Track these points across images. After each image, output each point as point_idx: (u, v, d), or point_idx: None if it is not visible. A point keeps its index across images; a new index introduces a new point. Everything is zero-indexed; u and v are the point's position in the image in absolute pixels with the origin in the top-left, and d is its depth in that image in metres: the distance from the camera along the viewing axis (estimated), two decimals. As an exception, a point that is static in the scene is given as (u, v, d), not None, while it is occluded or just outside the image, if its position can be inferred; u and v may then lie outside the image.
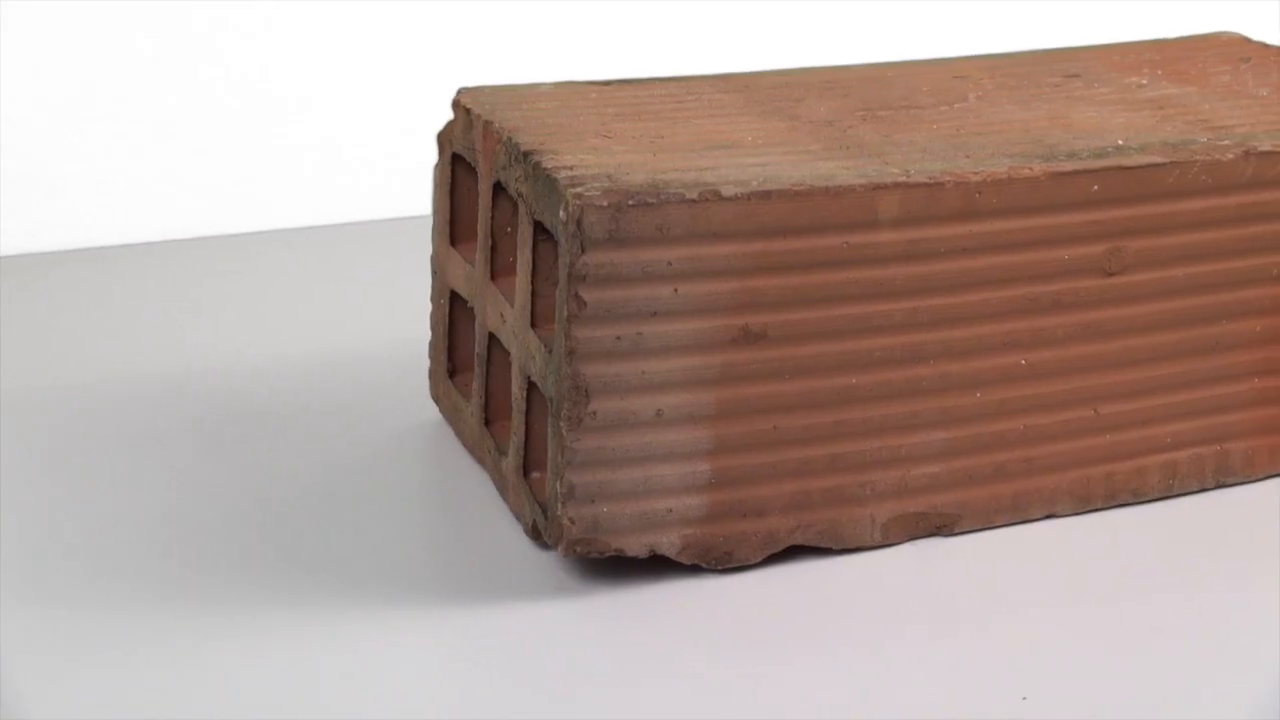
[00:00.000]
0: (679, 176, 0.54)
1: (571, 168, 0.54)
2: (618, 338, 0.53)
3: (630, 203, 0.53)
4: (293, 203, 0.89)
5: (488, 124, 0.59)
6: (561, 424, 0.54)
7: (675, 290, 0.53)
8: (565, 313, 0.53)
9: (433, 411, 0.66)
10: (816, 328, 0.55)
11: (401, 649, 0.53)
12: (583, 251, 0.52)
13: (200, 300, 0.76)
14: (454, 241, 0.62)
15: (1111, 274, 0.58)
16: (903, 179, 0.55)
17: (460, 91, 0.62)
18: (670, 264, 0.53)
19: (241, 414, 0.66)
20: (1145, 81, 0.66)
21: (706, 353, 0.54)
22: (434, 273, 0.64)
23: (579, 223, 0.52)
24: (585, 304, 0.53)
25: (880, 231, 0.55)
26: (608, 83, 0.64)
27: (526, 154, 0.56)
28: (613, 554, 0.55)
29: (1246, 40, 0.71)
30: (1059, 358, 0.58)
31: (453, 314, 0.63)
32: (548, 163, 0.55)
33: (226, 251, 0.82)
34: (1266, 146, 0.59)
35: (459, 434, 0.64)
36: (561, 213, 0.53)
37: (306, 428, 0.65)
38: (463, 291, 0.62)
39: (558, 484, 0.54)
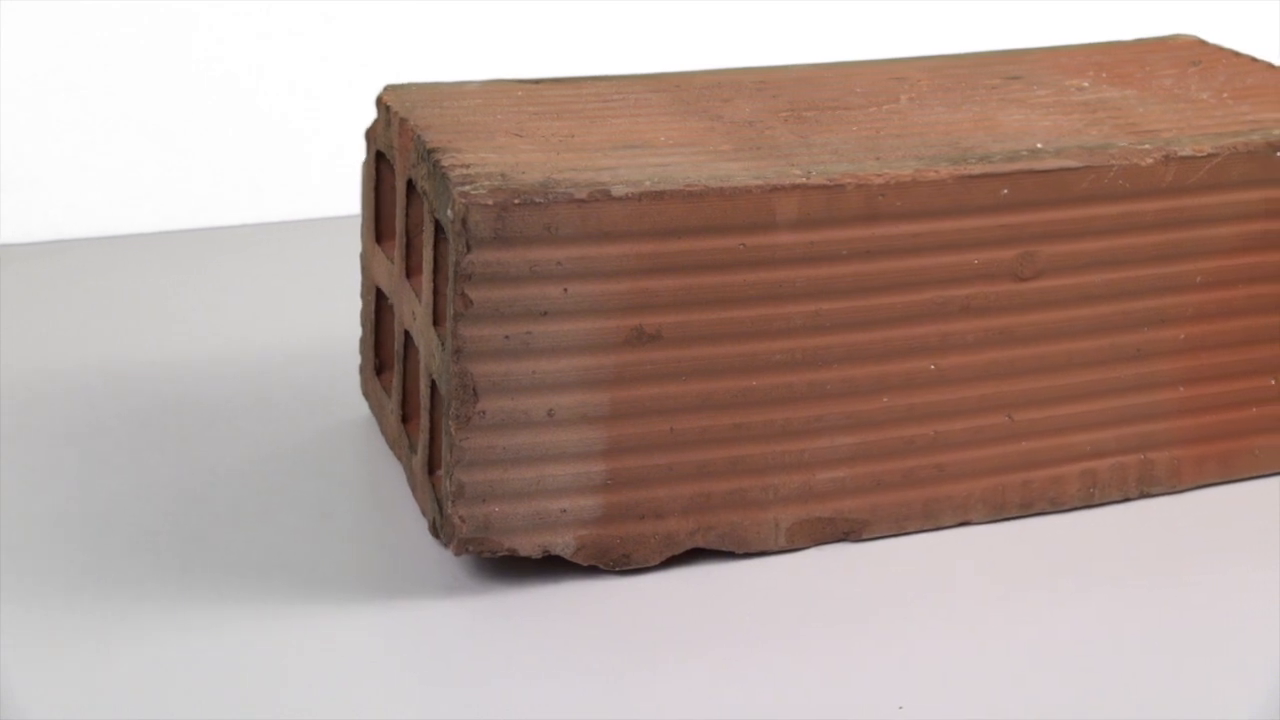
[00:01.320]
0: (573, 176, 0.53)
1: (468, 166, 0.54)
2: (506, 337, 0.53)
3: (517, 202, 0.52)
4: (246, 199, 0.89)
5: (403, 121, 0.59)
6: (450, 423, 0.53)
7: (565, 290, 0.53)
8: (452, 311, 0.52)
9: (365, 408, 0.65)
10: (713, 329, 0.54)
11: (287, 644, 0.52)
12: (468, 250, 0.52)
13: (174, 293, 0.76)
14: (379, 239, 0.62)
15: (1024, 279, 0.57)
16: (801, 181, 0.54)
17: (386, 89, 0.62)
18: (559, 264, 0.52)
19: (177, 408, 0.66)
20: (1087, 84, 0.64)
21: (599, 353, 0.53)
22: (363, 270, 0.64)
23: (464, 221, 0.52)
24: (471, 303, 0.52)
25: (778, 233, 0.54)
26: (538, 81, 0.63)
27: (430, 151, 0.55)
28: (505, 553, 0.54)
29: (1203, 43, 0.70)
30: (970, 363, 0.57)
31: (379, 311, 0.63)
32: (446, 161, 0.54)
33: (194, 246, 0.82)
34: (1187, 151, 0.58)
35: (383, 431, 0.63)
36: (449, 211, 0.52)
37: (239, 423, 0.64)
38: (386, 289, 0.62)
39: (448, 483, 0.54)
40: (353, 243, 0.70)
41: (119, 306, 0.74)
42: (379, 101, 0.61)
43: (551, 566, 0.56)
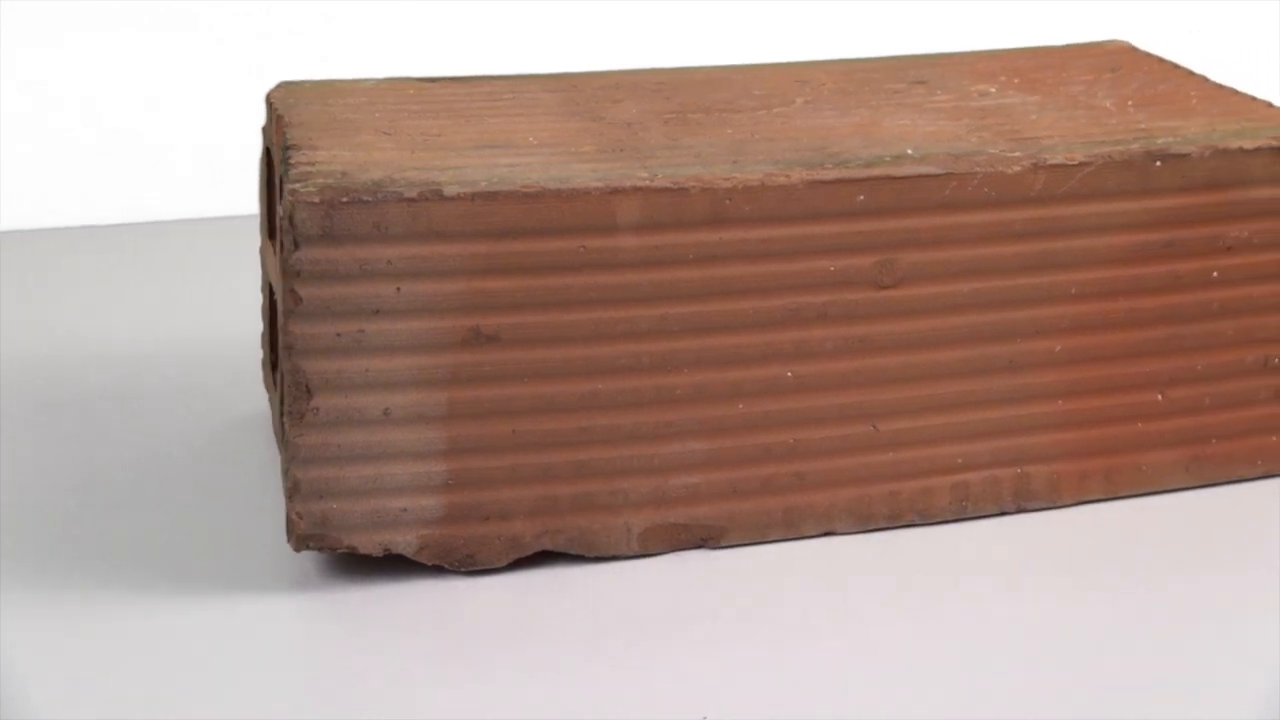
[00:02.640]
0: (411, 175, 0.53)
1: (314, 164, 0.53)
2: (338, 334, 0.52)
3: (344, 200, 0.51)
4: (158, 195, 0.89)
5: (279, 119, 0.58)
6: (285, 420, 0.53)
7: (398, 289, 0.52)
8: (284, 308, 0.52)
9: (266, 402, 0.66)
10: (554, 331, 0.53)
11: (124, 634, 0.52)
12: (296, 247, 0.51)
13: (76, 289, 0.77)
14: (271, 234, 0.62)
15: (885, 286, 0.55)
16: (644, 183, 0.53)
17: (278, 86, 0.62)
18: (390, 263, 0.52)
19: (85, 399, 0.66)
20: (993, 90, 0.63)
21: (435, 353, 0.53)
22: (261, 265, 0.64)
23: (291, 218, 0.51)
24: (301, 300, 0.52)
25: (620, 236, 0.53)
26: (435, 79, 0.63)
27: (286, 149, 0.55)
28: (346, 551, 0.54)
29: (1132, 49, 0.68)
30: (830, 371, 0.56)
31: (272, 306, 0.63)
32: (295, 158, 0.54)
33: (104, 242, 0.83)
34: (1058, 159, 0.56)
35: (274, 425, 0.63)
36: (280, 208, 0.52)
37: (140, 417, 0.65)
38: (274, 284, 0.61)
39: (285, 479, 0.53)
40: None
41: (50, 299, 0.75)
42: (266, 99, 0.61)
43: (401, 565, 0.55)
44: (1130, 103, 0.61)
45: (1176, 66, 0.65)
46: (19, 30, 0.91)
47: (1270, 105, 0.61)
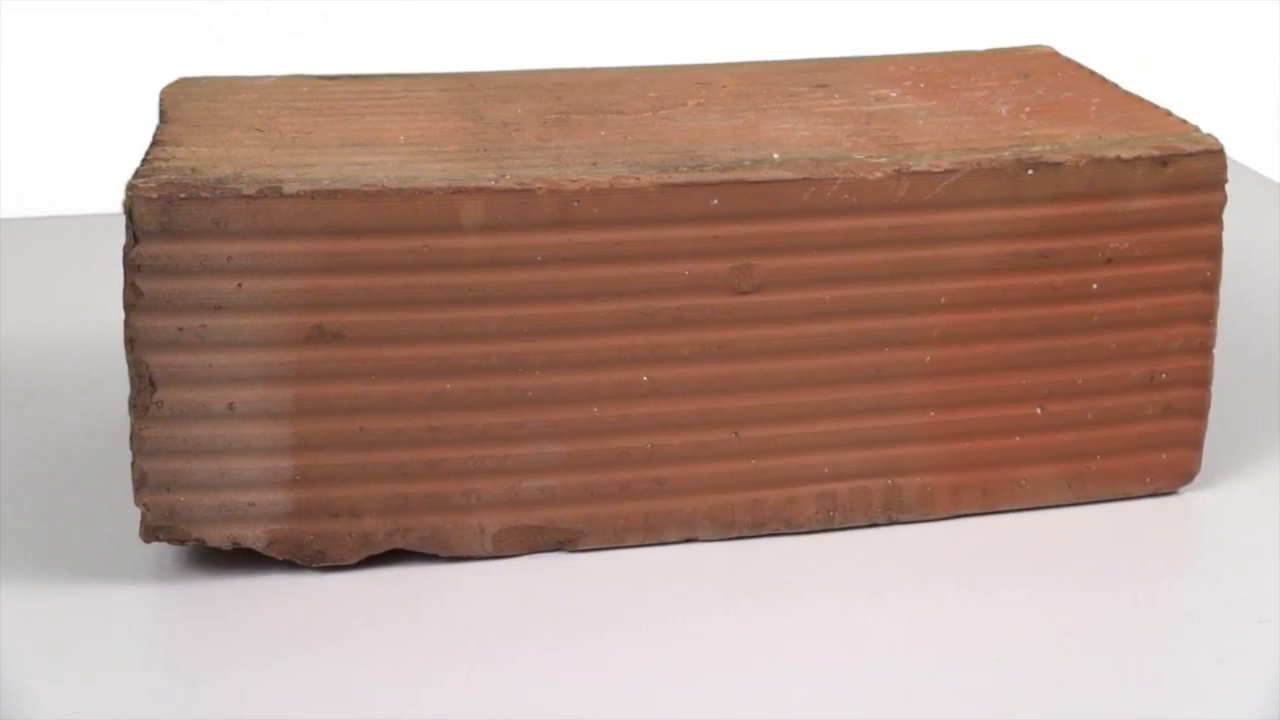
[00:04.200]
0: (257, 172, 0.52)
1: (167, 159, 0.53)
2: (180, 329, 0.52)
3: (183, 196, 0.51)
4: (53, 190, 0.89)
5: (163, 114, 0.58)
6: (131, 412, 0.53)
7: (239, 285, 0.52)
8: (125, 302, 0.52)
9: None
10: (400, 330, 0.53)
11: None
12: (136, 242, 0.51)
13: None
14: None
15: (743, 292, 0.54)
16: (489, 184, 0.52)
17: (176, 82, 0.62)
18: (230, 259, 0.52)
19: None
20: (893, 94, 0.61)
21: (278, 349, 0.52)
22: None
23: (130, 213, 0.51)
24: (142, 294, 0.52)
25: (464, 236, 0.52)
26: (336, 77, 0.62)
27: (150, 145, 0.55)
28: (195, 543, 0.54)
29: (1054, 55, 0.66)
30: (687, 376, 0.55)
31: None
32: (154, 154, 0.54)
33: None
34: (923, 166, 0.54)
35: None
36: (122, 203, 0.52)
37: (26, 409, 0.65)
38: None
39: (133, 471, 0.53)
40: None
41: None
42: (159, 95, 0.61)
43: (255, 559, 0.55)
44: (1027, 109, 0.59)
45: (1093, 74, 0.63)
46: (19, 30, 0.92)
47: (1170, 114, 0.59)
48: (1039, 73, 0.63)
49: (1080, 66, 0.64)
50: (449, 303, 0.53)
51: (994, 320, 0.56)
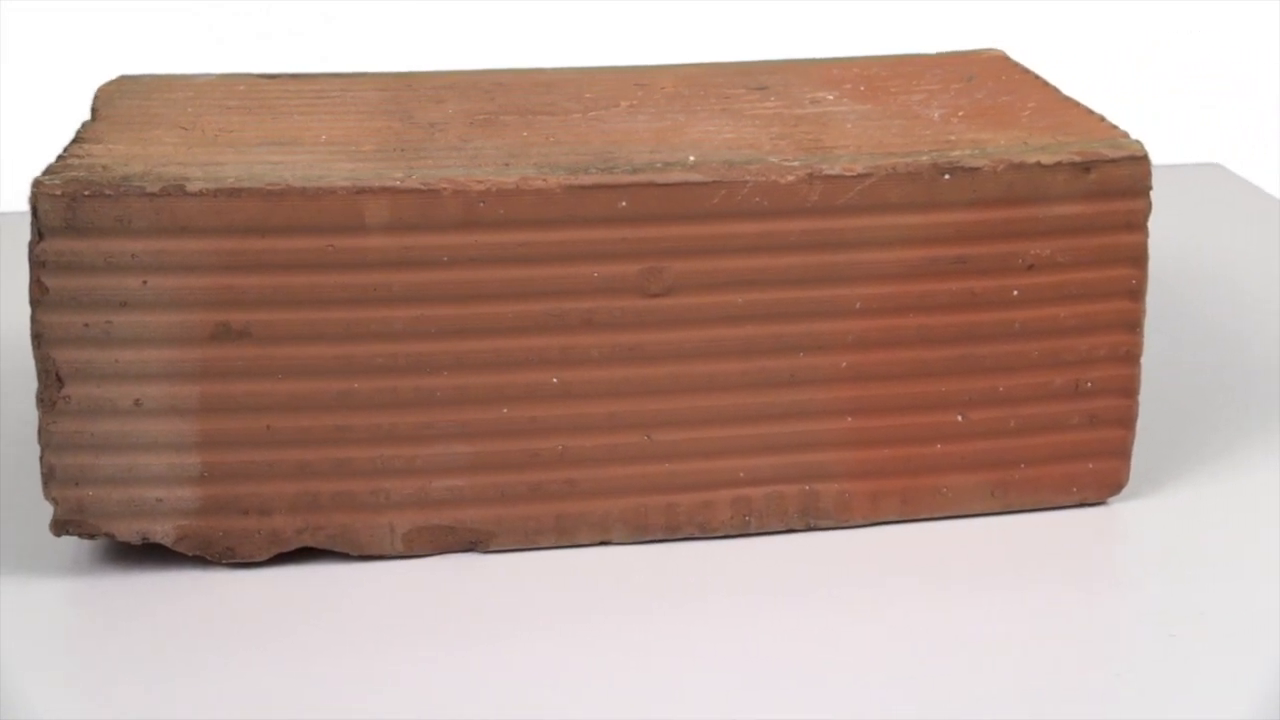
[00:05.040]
0: (165, 170, 0.52)
1: (81, 157, 0.53)
2: (86, 325, 0.52)
3: (87, 193, 0.51)
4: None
5: (94, 111, 0.59)
6: (38, 407, 0.53)
7: (144, 282, 0.52)
8: (31, 297, 0.52)
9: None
10: (305, 329, 0.53)
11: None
12: (40, 238, 0.51)
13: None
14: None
15: (653, 295, 0.54)
16: (394, 184, 0.52)
17: (115, 79, 0.62)
18: (134, 256, 0.52)
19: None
20: (830, 97, 0.60)
21: (184, 347, 0.52)
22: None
23: (35, 210, 0.51)
24: (48, 290, 0.52)
25: (369, 236, 0.52)
26: (276, 75, 0.62)
27: (71, 142, 0.55)
28: (104, 537, 0.54)
29: (1003, 59, 0.65)
30: (598, 378, 0.54)
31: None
32: (71, 151, 0.54)
33: None
34: (836, 170, 0.54)
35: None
36: (29, 200, 0.52)
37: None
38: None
39: (41, 465, 0.53)
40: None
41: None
42: (95, 92, 0.61)
43: (168, 554, 0.55)
44: (960, 114, 0.59)
45: (1037, 79, 0.62)
46: (18, 30, 0.93)
47: (1103, 120, 0.58)
48: (983, 77, 0.62)
49: (1026, 71, 0.63)
50: (355, 302, 0.52)
51: (911, 326, 0.55)
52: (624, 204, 0.53)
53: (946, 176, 0.54)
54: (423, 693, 0.49)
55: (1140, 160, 0.55)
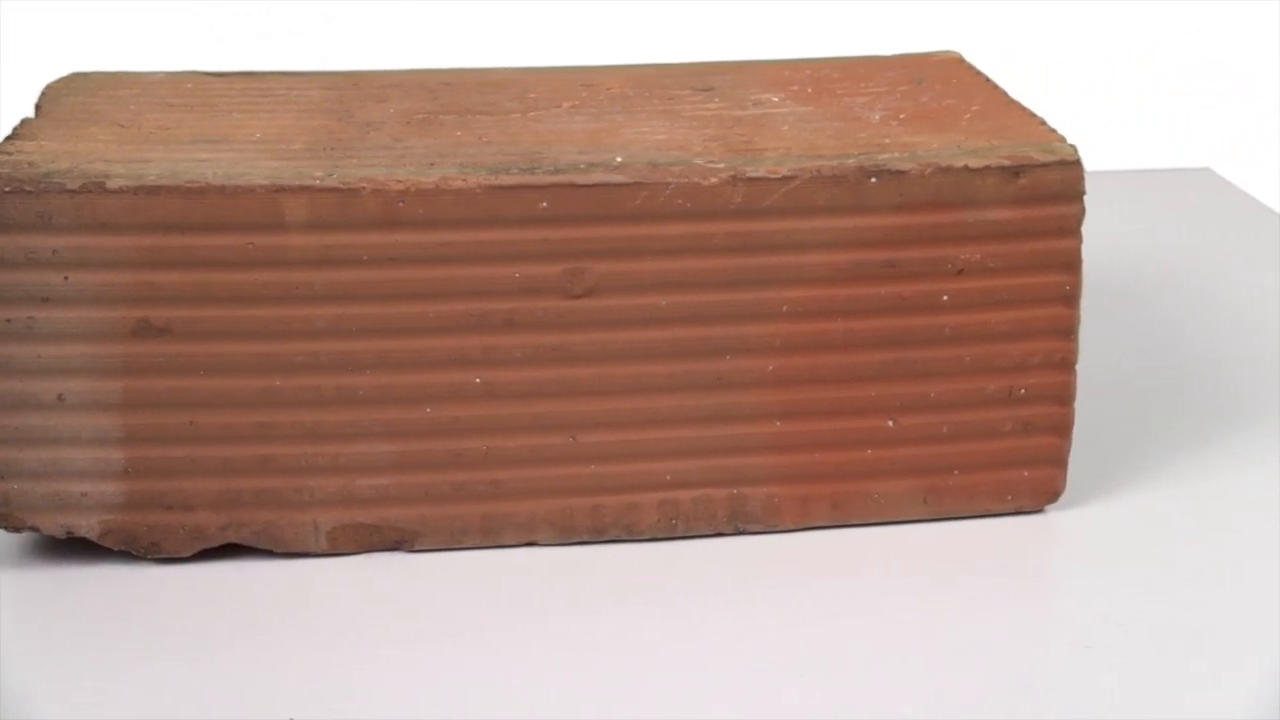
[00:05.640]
0: (90, 167, 0.52)
1: (11, 154, 0.54)
2: (9, 320, 0.52)
3: (8, 189, 0.51)
4: None
5: (38, 108, 0.59)
6: (-38, 400, 0.53)
7: (65, 278, 0.52)
8: (-46, 292, 0.52)
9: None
10: (226, 326, 0.53)
11: None
12: (-38, 233, 0.52)
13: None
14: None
15: (576, 296, 0.53)
16: (313, 183, 0.52)
17: (65, 76, 0.62)
18: (55, 252, 0.52)
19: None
20: (775, 99, 0.60)
21: (106, 342, 0.52)
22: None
23: (-43, 205, 0.51)
24: (-30, 285, 0.52)
25: (289, 235, 0.52)
26: (225, 74, 0.62)
27: (4, 140, 0.55)
28: (29, 530, 0.54)
29: (958, 62, 0.64)
30: (521, 379, 0.54)
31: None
32: (2, 148, 0.54)
33: None
34: (760, 173, 0.53)
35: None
36: (-47, 195, 0.52)
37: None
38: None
39: (-33, 458, 0.54)
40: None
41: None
42: (43, 89, 0.61)
43: (95, 548, 0.55)
44: (901, 116, 0.58)
45: (987, 82, 0.62)
46: (17, 30, 0.93)
47: (1043, 124, 0.57)
48: (933, 79, 0.62)
49: (978, 74, 0.63)
50: (276, 300, 0.52)
51: (839, 330, 0.54)
52: (545, 205, 0.52)
53: (873, 180, 0.53)
54: (342, 691, 0.49)
55: (1072, 165, 0.54)
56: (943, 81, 0.62)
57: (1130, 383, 0.65)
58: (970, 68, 0.63)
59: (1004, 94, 0.60)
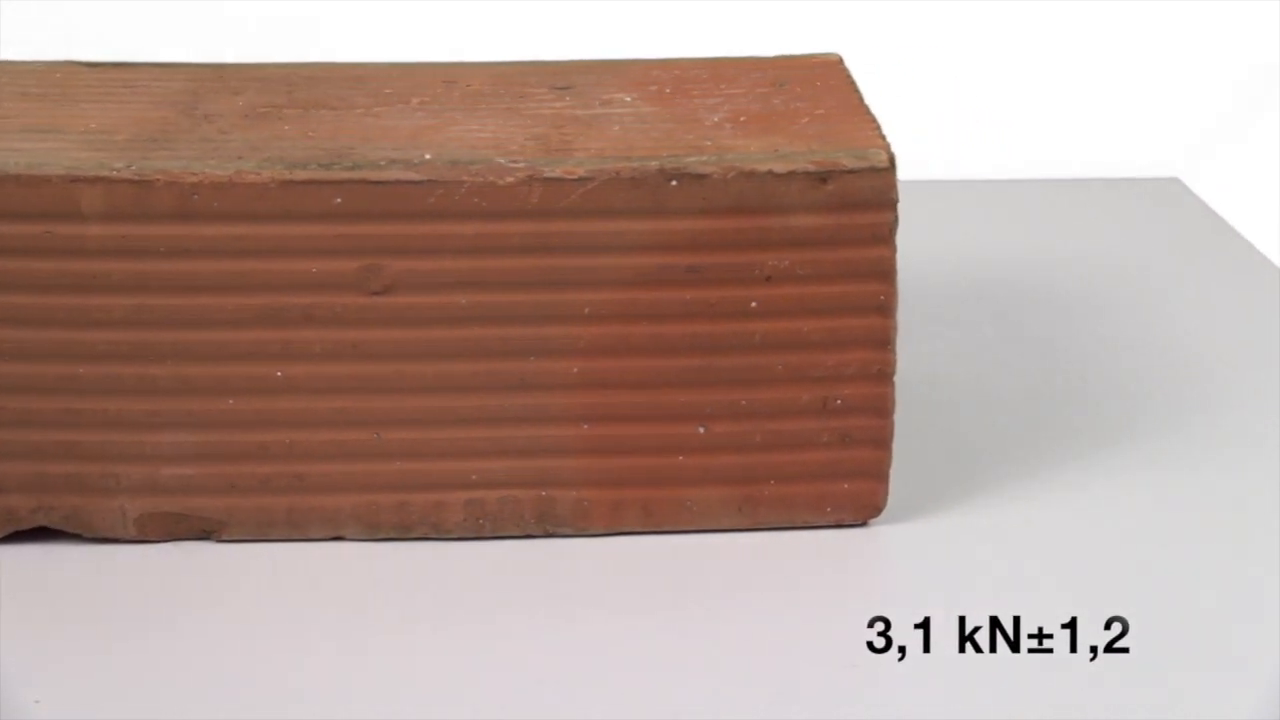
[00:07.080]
0: (-104, 154, 0.53)
1: None
2: None
3: None
4: None
5: (-98, 99, 0.60)
6: None
7: None
8: None
9: None
10: (28, 314, 0.53)
11: None
12: None
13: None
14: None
15: (374, 293, 0.53)
16: (109, 174, 0.52)
17: (-56, 65, 0.63)
18: None
19: None
20: (628, 99, 0.59)
21: (-91, 326, 0.53)
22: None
23: None
24: None
25: (87, 224, 0.52)
26: (99, 64, 0.63)
27: None
28: None
29: (836, 66, 0.62)
30: (321, 374, 0.54)
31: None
32: None
33: None
34: (556, 173, 0.52)
35: None
36: None
37: None
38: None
39: None
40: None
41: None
42: (-83, 77, 0.62)
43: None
44: (742, 119, 0.57)
45: (850, 86, 0.60)
46: (15, 29, 0.95)
47: (876, 131, 0.55)
48: (797, 82, 0.60)
49: (847, 79, 0.61)
50: (76, 289, 0.53)
51: (644, 334, 0.53)
52: (339, 200, 0.52)
53: (674, 183, 0.52)
54: (137, 677, 0.49)
55: (883, 172, 0.52)
56: (806, 84, 0.60)
57: (999, 397, 0.63)
58: (843, 71, 0.62)
59: (859, 99, 0.59)
